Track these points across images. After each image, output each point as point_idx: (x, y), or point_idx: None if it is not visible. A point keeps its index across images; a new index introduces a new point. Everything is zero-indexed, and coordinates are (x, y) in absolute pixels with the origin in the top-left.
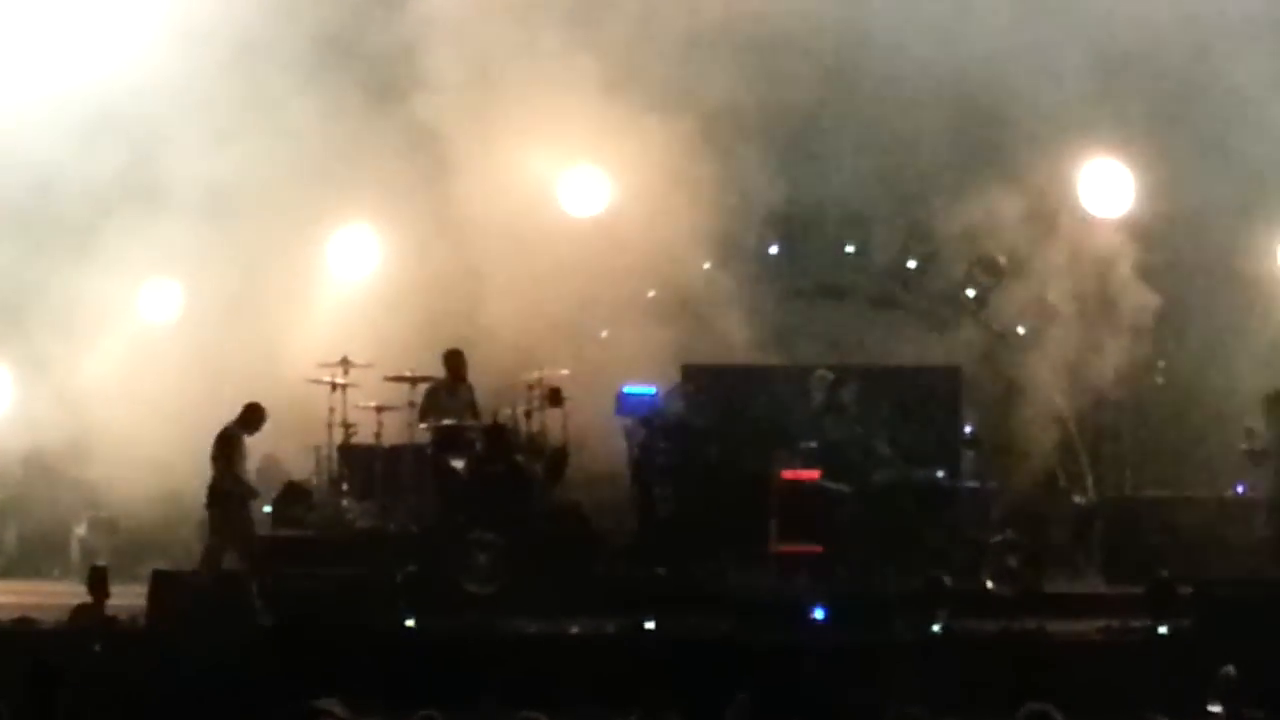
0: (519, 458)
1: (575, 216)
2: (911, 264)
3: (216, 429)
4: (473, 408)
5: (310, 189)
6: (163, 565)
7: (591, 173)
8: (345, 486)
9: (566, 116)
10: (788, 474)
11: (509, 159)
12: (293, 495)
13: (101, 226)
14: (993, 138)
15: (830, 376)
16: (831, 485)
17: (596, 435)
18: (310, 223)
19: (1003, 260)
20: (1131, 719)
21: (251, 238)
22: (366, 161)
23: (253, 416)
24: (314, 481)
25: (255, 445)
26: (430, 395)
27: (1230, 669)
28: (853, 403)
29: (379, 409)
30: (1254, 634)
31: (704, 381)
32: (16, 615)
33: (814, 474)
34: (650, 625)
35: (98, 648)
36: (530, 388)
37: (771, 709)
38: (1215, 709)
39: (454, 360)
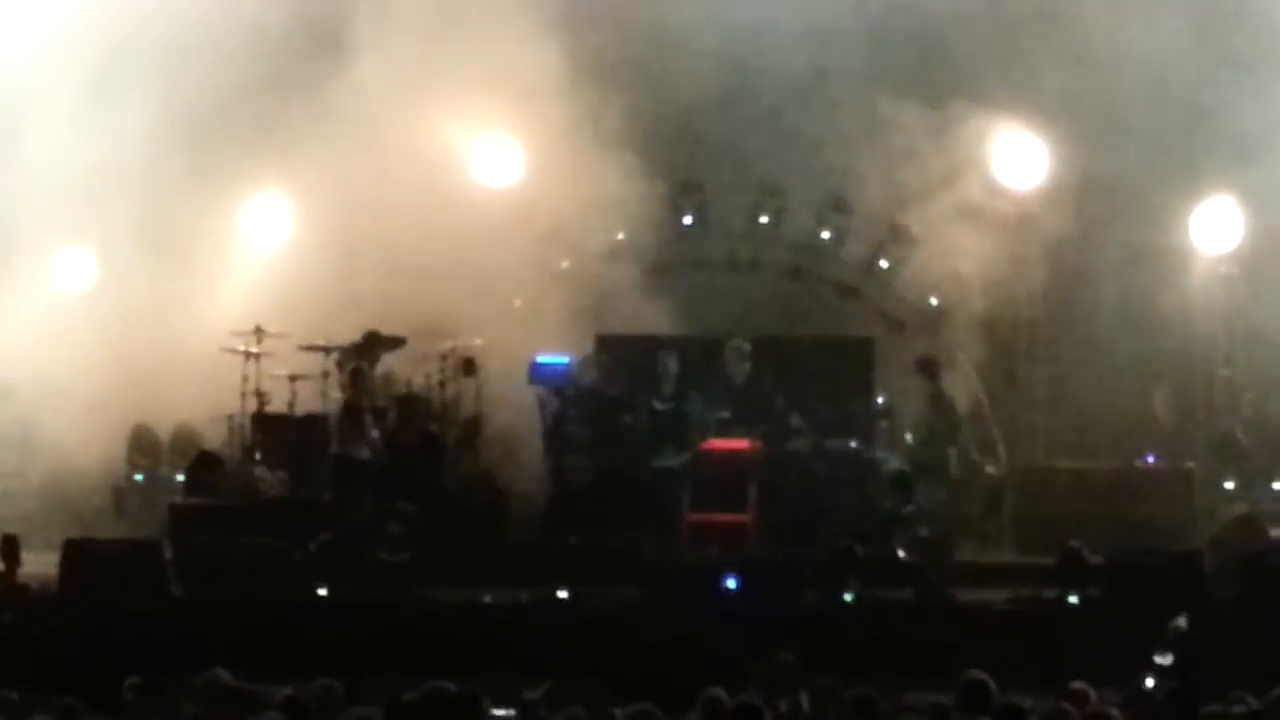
0: (432, 427)
1: (488, 186)
2: (825, 235)
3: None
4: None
5: (223, 157)
6: (75, 534)
7: (504, 142)
8: (258, 455)
9: (479, 85)
10: (703, 444)
11: (422, 128)
12: (206, 464)
13: (13, 196)
14: (906, 109)
15: (745, 347)
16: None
17: (509, 405)
18: (223, 191)
19: (916, 232)
20: (1045, 687)
21: (164, 206)
22: (279, 130)
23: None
24: (227, 450)
25: (168, 414)
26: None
27: (1182, 621)
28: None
29: (292, 378)
30: (1163, 603)
31: (617, 351)
32: None
33: (739, 444)
34: (563, 594)
35: (8, 616)
36: (443, 357)
37: (682, 678)
38: (1164, 660)
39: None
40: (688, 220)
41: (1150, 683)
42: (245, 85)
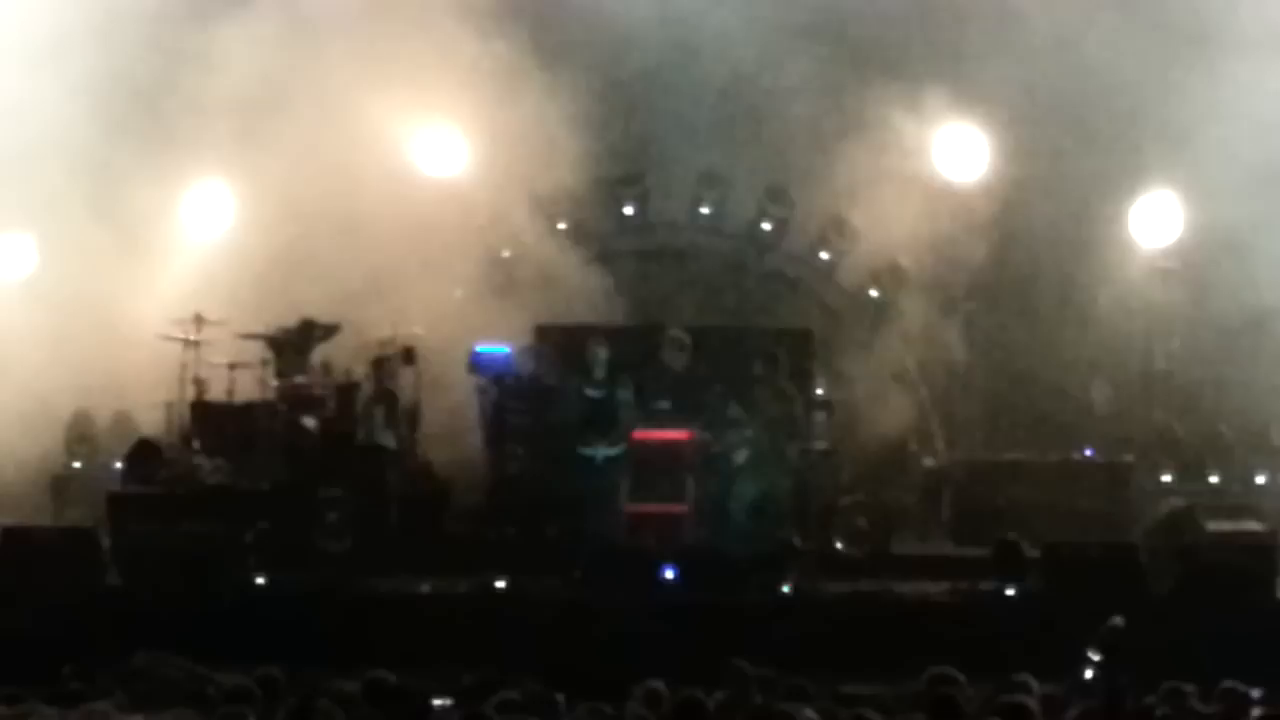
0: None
1: (430, 176)
2: (766, 226)
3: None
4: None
5: (163, 145)
6: (11, 522)
7: (446, 132)
8: (197, 443)
9: (421, 75)
10: (639, 434)
11: (364, 118)
12: (144, 452)
13: None
14: (849, 101)
15: (684, 337)
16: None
17: (449, 394)
18: (164, 179)
19: (856, 224)
20: (982, 679)
21: (105, 193)
22: (221, 118)
23: None
24: (166, 438)
25: (107, 401)
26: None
27: (1118, 619)
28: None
29: (232, 366)
30: (1099, 595)
31: (557, 341)
32: None
33: (677, 434)
34: (501, 584)
35: None
36: (383, 345)
37: (618, 668)
38: (1095, 657)
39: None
40: (629, 210)
41: (1089, 674)
42: (186, 73)
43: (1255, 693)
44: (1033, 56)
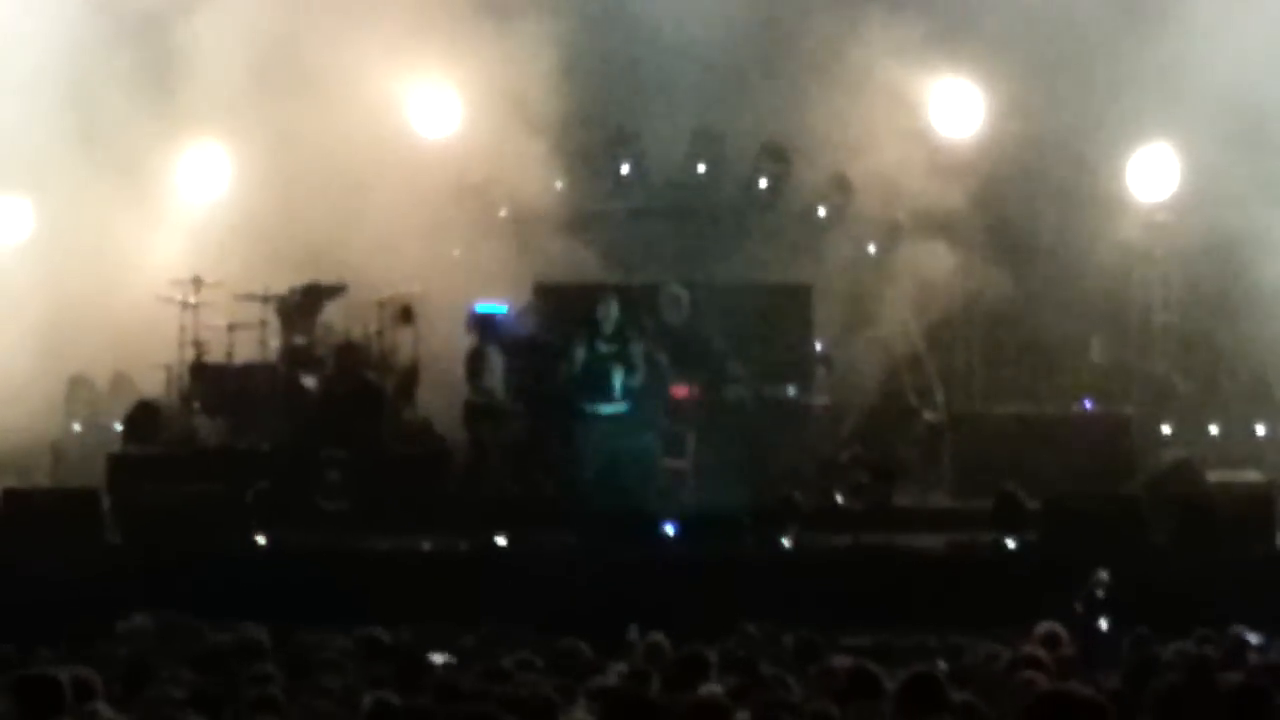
0: (370, 375)
1: (426, 136)
2: (763, 183)
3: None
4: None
5: (161, 109)
6: (13, 484)
7: (442, 92)
8: (196, 404)
9: (416, 36)
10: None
11: (359, 79)
12: (144, 413)
13: None
14: (846, 57)
15: (682, 293)
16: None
17: (448, 353)
18: (161, 141)
19: (854, 180)
20: (982, 631)
21: (102, 157)
22: (218, 80)
23: None
24: (165, 400)
25: (106, 364)
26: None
27: (1104, 574)
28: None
29: (230, 327)
30: (1099, 546)
31: (555, 299)
32: None
33: (677, 390)
34: (502, 541)
35: None
36: (381, 305)
37: (619, 624)
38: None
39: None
40: (625, 169)
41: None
42: (183, 37)
43: (1254, 638)
44: (1028, 10)
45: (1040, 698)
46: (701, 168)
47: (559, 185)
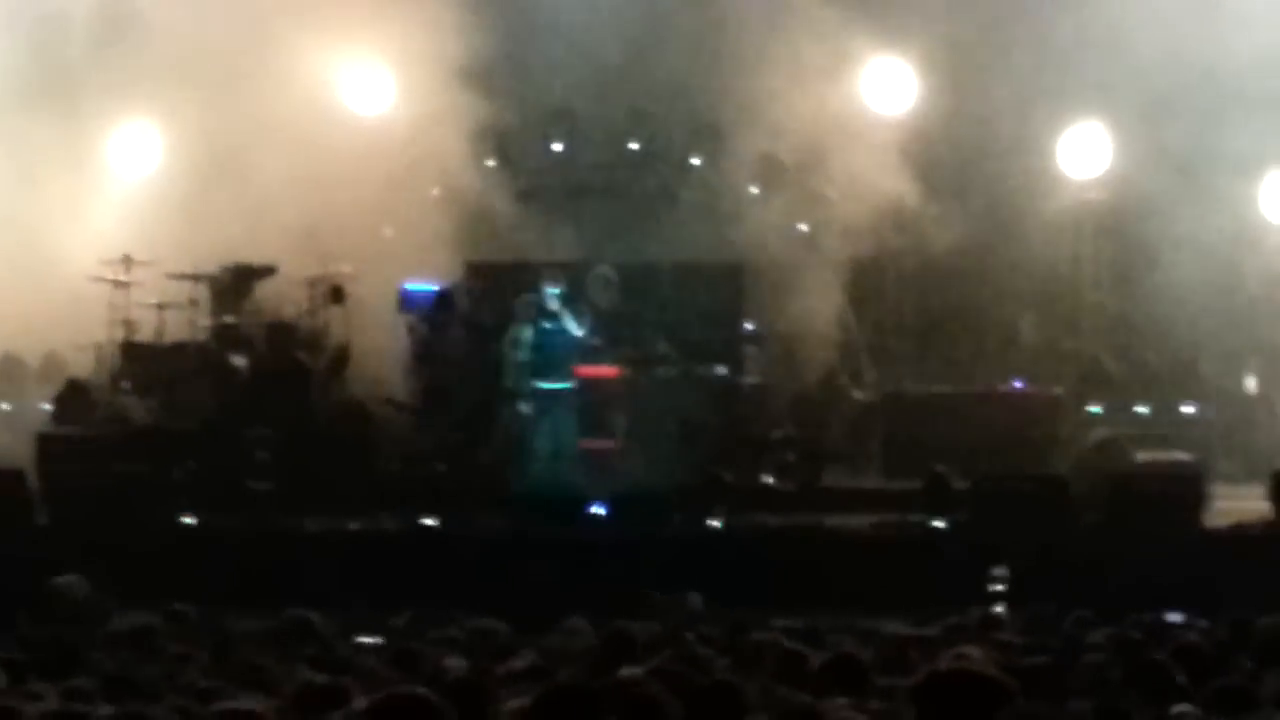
0: (300, 355)
1: (358, 114)
2: (695, 161)
3: None
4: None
5: (89, 86)
6: None
7: (374, 70)
8: (126, 384)
9: (348, 13)
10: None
11: (291, 56)
12: (73, 393)
13: None
14: (778, 35)
15: (611, 274)
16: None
17: (379, 332)
18: (91, 119)
19: (786, 159)
20: (911, 613)
21: (31, 135)
22: (147, 58)
23: None
24: (95, 379)
25: (36, 343)
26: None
27: (1003, 570)
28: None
29: (161, 306)
30: (1028, 526)
31: (486, 278)
32: None
33: (606, 370)
34: (431, 522)
35: None
36: (312, 284)
37: (550, 604)
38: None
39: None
40: (558, 147)
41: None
42: (112, 14)
43: (1176, 617)
44: None
45: (935, 673)
46: (634, 145)
47: (491, 163)
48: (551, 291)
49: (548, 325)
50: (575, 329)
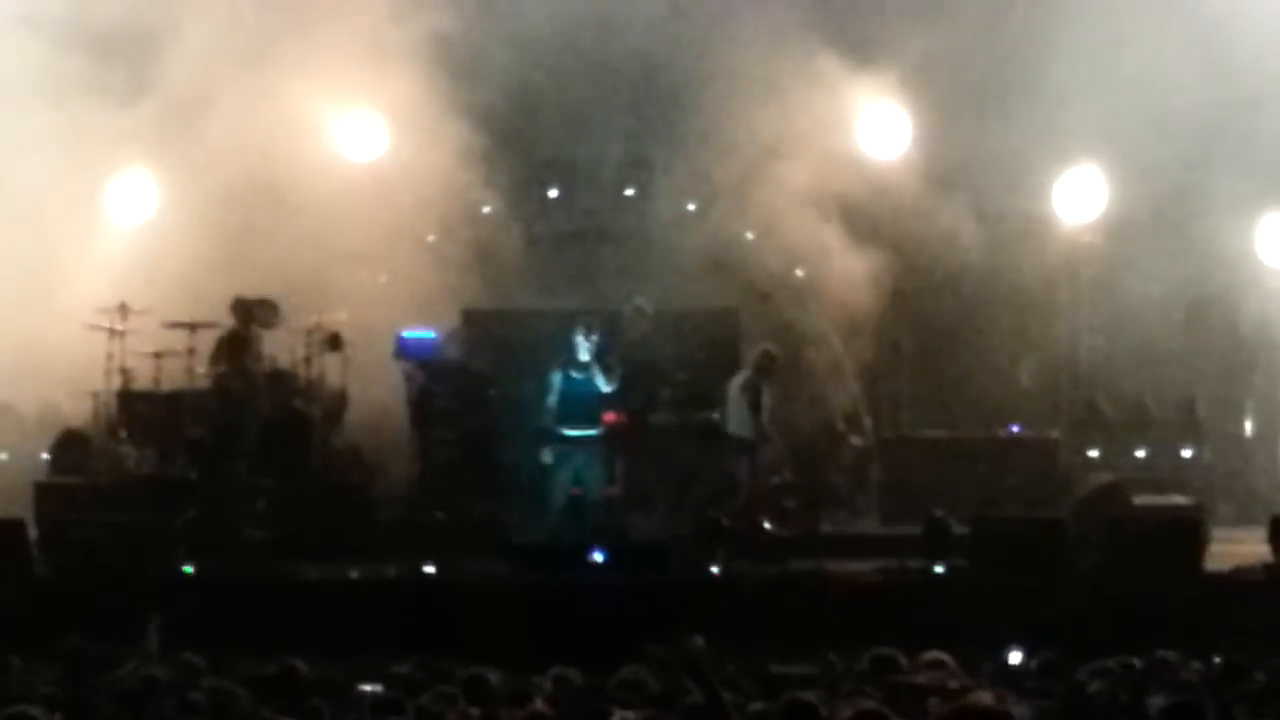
0: (297, 403)
1: (353, 160)
2: (690, 207)
3: None
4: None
5: (86, 134)
6: None
7: (369, 116)
8: (124, 433)
9: (342, 59)
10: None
11: (286, 103)
12: (71, 442)
13: None
14: (773, 81)
15: (647, 306)
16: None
17: (376, 380)
18: (88, 167)
19: (781, 204)
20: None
21: (27, 183)
22: (145, 106)
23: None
24: (92, 428)
25: (32, 392)
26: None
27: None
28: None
29: (158, 355)
30: (1027, 571)
31: (483, 325)
32: None
33: (606, 416)
34: (430, 570)
35: None
36: (308, 332)
37: (549, 652)
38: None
39: (241, 309)
40: (554, 193)
41: (1017, 656)
42: (109, 61)
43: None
44: (955, 33)
45: (953, 711)
46: (630, 192)
47: (487, 210)
48: (583, 340)
49: (575, 375)
50: (604, 385)
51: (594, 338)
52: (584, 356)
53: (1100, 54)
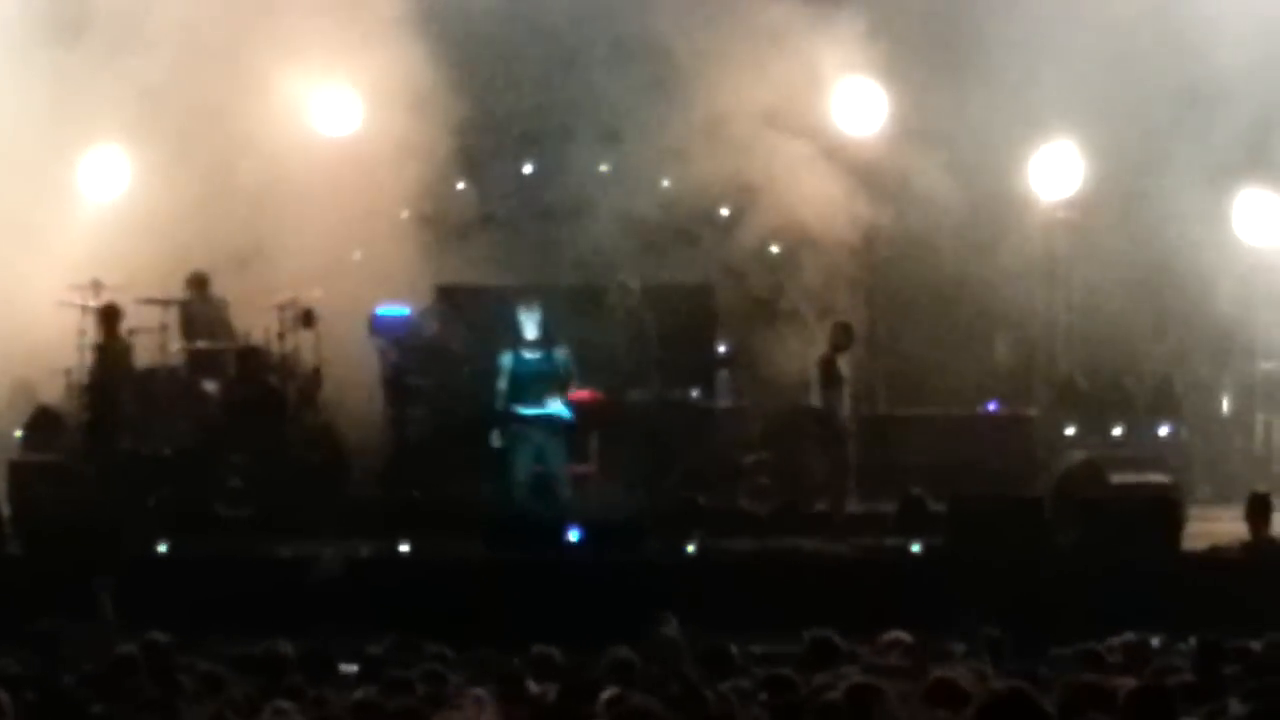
0: (271, 380)
1: (327, 136)
2: (665, 183)
3: None
4: (226, 326)
5: (59, 109)
6: None
7: (343, 92)
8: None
9: (316, 35)
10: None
11: (260, 79)
12: (44, 420)
13: None
14: (746, 57)
15: (630, 284)
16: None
17: (350, 357)
18: (59, 144)
19: (756, 179)
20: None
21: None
22: (116, 81)
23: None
24: (65, 406)
25: (4, 370)
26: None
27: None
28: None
29: (131, 331)
30: (1004, 549)
31: (457, 302)
32: None
33: (580, 394)
34: (405, 548)
35: None
36: (282, 309)
37: (526, 630)
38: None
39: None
40: (527, 169)
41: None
42: (82, 38)
43: (1155, 641)
44: (932, 5)
45: (995, 697)
46: (605, 167)
47: (460, 185)
48: (531, 317)
49: (526, 355)
50: (560, 354)
51: (535, 314)
52: (531, 334)
53: (1073, 30)
